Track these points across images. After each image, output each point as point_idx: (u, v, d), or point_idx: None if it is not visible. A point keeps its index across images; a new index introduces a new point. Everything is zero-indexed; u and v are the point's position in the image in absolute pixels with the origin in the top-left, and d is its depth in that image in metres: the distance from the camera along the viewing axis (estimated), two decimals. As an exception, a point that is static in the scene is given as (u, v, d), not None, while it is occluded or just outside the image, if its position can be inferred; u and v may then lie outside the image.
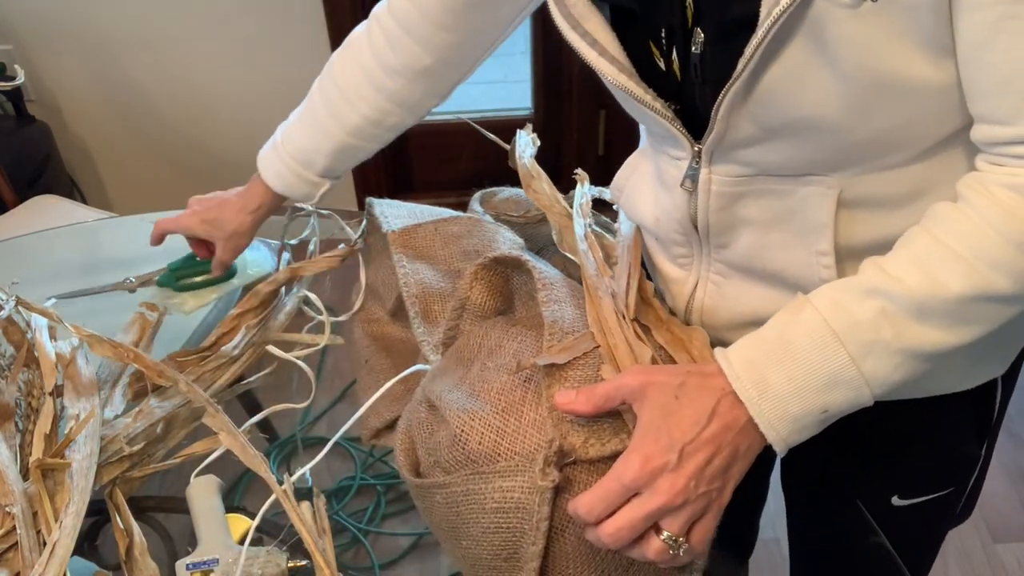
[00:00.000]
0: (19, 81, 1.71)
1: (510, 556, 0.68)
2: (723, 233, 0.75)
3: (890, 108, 0.61)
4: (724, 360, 0.65)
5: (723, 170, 0.70)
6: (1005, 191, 0.59)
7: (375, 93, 0.93)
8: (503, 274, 0.81)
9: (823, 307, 0.63)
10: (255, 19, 2.22)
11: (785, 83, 0.61)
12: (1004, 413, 0.88)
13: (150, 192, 2.51)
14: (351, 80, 0.94)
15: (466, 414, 0.70)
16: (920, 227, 0.63)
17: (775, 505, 1.08)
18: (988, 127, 0.59)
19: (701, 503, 0.63)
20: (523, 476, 0.66)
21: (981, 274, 0.59)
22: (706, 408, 0.63)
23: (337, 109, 0.95)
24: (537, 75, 2.48)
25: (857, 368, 0.61)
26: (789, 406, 0.62)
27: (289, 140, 0.98)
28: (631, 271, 0.78)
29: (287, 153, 0.98)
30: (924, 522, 0.92)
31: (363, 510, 1.46)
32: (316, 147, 0.97)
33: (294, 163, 0.98)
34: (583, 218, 0.86)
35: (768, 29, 0.57)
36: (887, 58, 0.58)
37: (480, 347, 0.76)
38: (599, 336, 0.72)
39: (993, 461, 0.95)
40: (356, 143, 0.97)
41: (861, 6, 0.55)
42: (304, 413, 1.35)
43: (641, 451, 0.62)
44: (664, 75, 0.69)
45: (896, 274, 0.61)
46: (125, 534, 0.79)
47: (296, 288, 1.04)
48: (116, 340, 0.92)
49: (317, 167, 0.98)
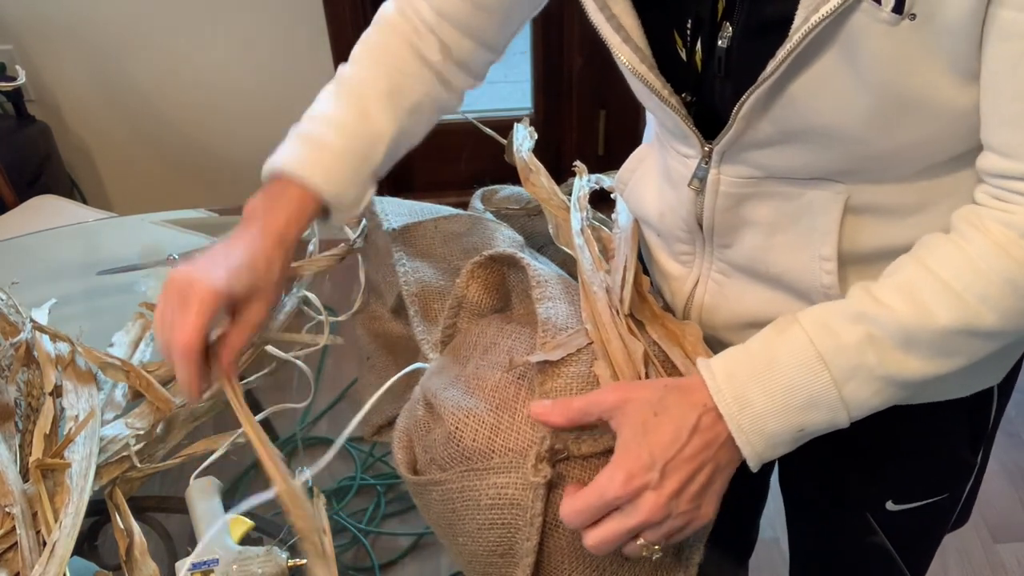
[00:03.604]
0: (19, 81, 1.71)
1: (506, 552, 0.69)
2: (727, 233, 0.74)
3: (911, 125, 0.61)
4: (707, 372, 0.64)
5: (732, 171, 0.70)
6: (999, 227, 0.59)
7: (427, 68, 0.83)
8: (499, 272, 0.81)
9: (810, 328, 0.63)
10: (255, 19, 2.22)
11: (811, 90, 0.61)
12: (1000, 422, 0.89)
13: (150, 192, 2.51)
14: (400, 55, 0.83)
15: (461, 411, 0.70)
16: (911, 256, 0.63)
17: (775, 505, 1.08)
18: (995, 157, 0.59)
19: (681, 520, 0.63)
20: (517, 472, 0.67)
21: (970, 307, 0.59)
22: (687, 424, 0.62)
23: (397, 85, 0.81)
24: (537, 75, 2.48)
25: (838, 391, 0.61)
26: (767, 423, 0.62)
27: (340, 129, 0.79)
28: (627, 265, 0.78)
29: (340, 146, 0.78)
30: (919, 527, 0.92)
31: (363, 510, 1.46)
32: (378, 132, 0.80)
33: (351, 156, 0.78)
34: (580, 211, 0.86)
35: (804, 35, 0.57)
36: (916, 77, 0.58)
37: (476, 345, 0.76)
38: (593, 332, 0.72)
39: (993, 461, 0.95)
40: (411, 126, 0.83)
41: (900, 23, 0.55)
42: (304, 413, 1.35)
43: (624, 468, 0.62)
44: (684, 65, 0.68)
45: (885, 301, 0.61)
46: (125, 534, 0.79)
47: (296, 288, 1.04)
48: (119, 335, 0.92)
49: (375, 159, 0.80)
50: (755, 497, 1.16)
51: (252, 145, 2.63)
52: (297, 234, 0.75)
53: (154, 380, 0.89)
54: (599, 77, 2.41)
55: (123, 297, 1.08)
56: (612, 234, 0.84)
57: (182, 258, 1.09)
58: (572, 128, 2.52)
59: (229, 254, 0.71)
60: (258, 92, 2.33)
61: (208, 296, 0.67)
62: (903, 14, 0.55)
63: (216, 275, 0.68)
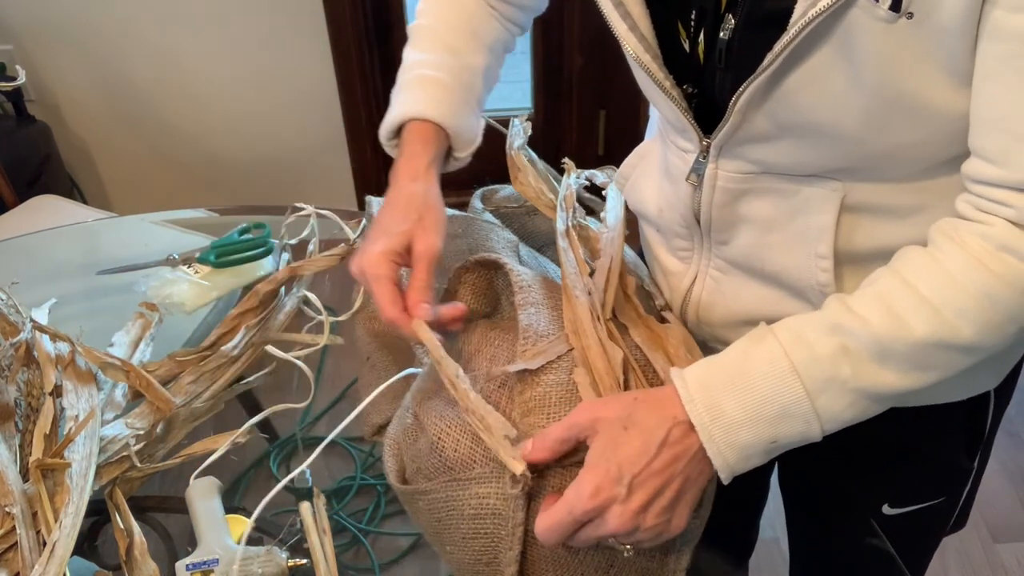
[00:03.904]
0: (19, 81, 1.71)
1: (491, 561, 0.69)
2: (725, 229, 0.75)
3: (904, 125, 0.61)
4: (680, 381, 0.64)
5: (730, 166, 0.70)
6: (977, 239, 0.59)
7: (492, 11, 0.87)
8: (486, 276, 0.81)
9: (784, 339, 0.63)
10: (255, 19, 2.22)
11: (806, 85, 0.61)
12: (998, 426, 0.88)
13: (150, 192, 2.51)
14: (467, 2, 0.86)
15: (443, 421, 0.70)
16: (888, 269, 0.63)
17: (775, 505, 1.08)
18: (980, 163, 0.59)
19: (651, 533, 0.63)
20: (498, 482, 0.67)
21: (946, 320, 0.59)
22: (655, 438, 0.62)
23: (474, 26, 0.85)
24: (537, 75, 2.48)
25: (811, 403, 0.61)
26: (739, 434, 0.62)
27: (439, 69, 0.82)
28: (612, 267, 0.77)
29: (447, 82, 0.81)
30: (916, 531, 0.92)
31: (363, 510, 1.46)
32: (472, 65, 0.84)
33: (459, 89, 0.82)
34: (565, 212, 0.85)
35: (802, 29, 0.57)
36: (910, 77, 0.58)
37: (460, 352, 0.76)
38: (573, 338, 0.72)
39: (993, 461, 0.95)
40: (493, 63, 0.88)
41: (897, 22, 0.55)
42: (304, 413, 1.35)
43: (591, 483, 0.62)
44: (687, 57, 0.69)
45: (861, 312, 0.61)
46: (125, 534, 0.79)
47: (296, 288, 1.04)
48: (119, 335, 0.92)
49: (477, 90, 0.84)
50: (755, 497, 1.16)
51: (252, 145, 2.62)
52: (437, 166, 0.79)
53: (154, 380, 0.89)
54: (599, 77, 2.41)
55: (123, 297, 1.08)
56: (599, 233, 0.84)
57: (182, 257, 1.09)
58: (572, 128, 2.52)
59: (380, 223, 0.75)
60: (258, 92, 2.33)
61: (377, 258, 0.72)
62: (900, 12, 0.55)
63: (376, 247, 0.73)
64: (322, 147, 2.44)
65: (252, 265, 1.09)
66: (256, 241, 1.09)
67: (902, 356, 0.60)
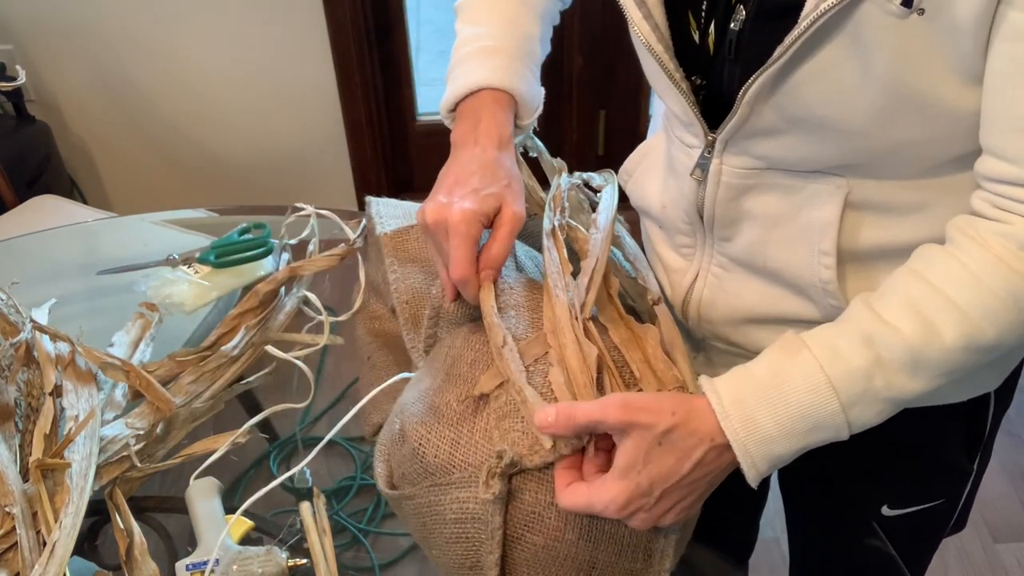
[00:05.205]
0: (19, 81, 1.71)
1: (474, 564, 0.69)
2: (728, 226, 0.75)
3: (912, 123, 0.61)
4: (714, 395, 0.63)
5: (735, 161, 0.70)
6: (998, 239, 0.59)
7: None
8: None
9: (820, 352, 0.62)
10: (255, 19, 2.22)
11: (815, 78, 0.61)
12: (997, 428, 0.88)
13: (150, 192, 2.51)
14: None
15: (423, 427, 0.70)
16: (910, 271, 0.63)
17: (775, 505, 1.08)
18: (994, 161, 0.59)
19: (668, 521, 0.65)
20: (476, 487, 0.67)
21: (974, 322, 0.59)
22: (690, 459, 0.62)
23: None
24: (537, 75, 2.48)
25: (845, 415, 0.62)
26: (773, 447, 0.62)
27: (499, 38, 0.82)
28: (597, 267, 0.77)
29: (510, 48, 0.82)
30: (916, 532, 0.93)
31: (363, 510, 1.46)
32: (529, 33, 0.84)
33: (521, 55, 0.82)
34: (552, 212, 0.85)
35: (813, 21, 0.57)
36: (920, 74, 0.58)
37: (445, 357, 0.76)
38: (551, 337, 0.71)
39: (993, 461, 0.95)
40: (545, 31, 0.89)
41: (908, 17, 0.55)
42: (304, 413, 1.35)
43: (623, 495, 0.62)
44: (696, 48, 0.69)
45: (892, 321, 0.61)
46: (125, 534, 0.79)
47: (296, 288, 1.04)
48: (119, 335, 0.92)
49: (536, 56, 0.85)
50: (755, 497, 1.16)
51: (252, 145, 2.62)
52: (511, 135, 0.78)
53: (154, 380, 0.89)
54: (599, 77, 2.41)
55: (123, 297, 1.08)
56: (588, 234, 0.83)
57: (182, 257, 1.09)
58: (572, 128, 2.52)
59: (466, 182, 0.72)
60: (258, 92, 2.33)
61: (469, 216, 0.70)
62: (912, 8, 0.55)
63: (466, 204, 0.70)
64: (322, 147, 2.44)
65: (252, 265, 1.09)
66: (256, 241, 1.09)
67: (933, 363, 0.61)
